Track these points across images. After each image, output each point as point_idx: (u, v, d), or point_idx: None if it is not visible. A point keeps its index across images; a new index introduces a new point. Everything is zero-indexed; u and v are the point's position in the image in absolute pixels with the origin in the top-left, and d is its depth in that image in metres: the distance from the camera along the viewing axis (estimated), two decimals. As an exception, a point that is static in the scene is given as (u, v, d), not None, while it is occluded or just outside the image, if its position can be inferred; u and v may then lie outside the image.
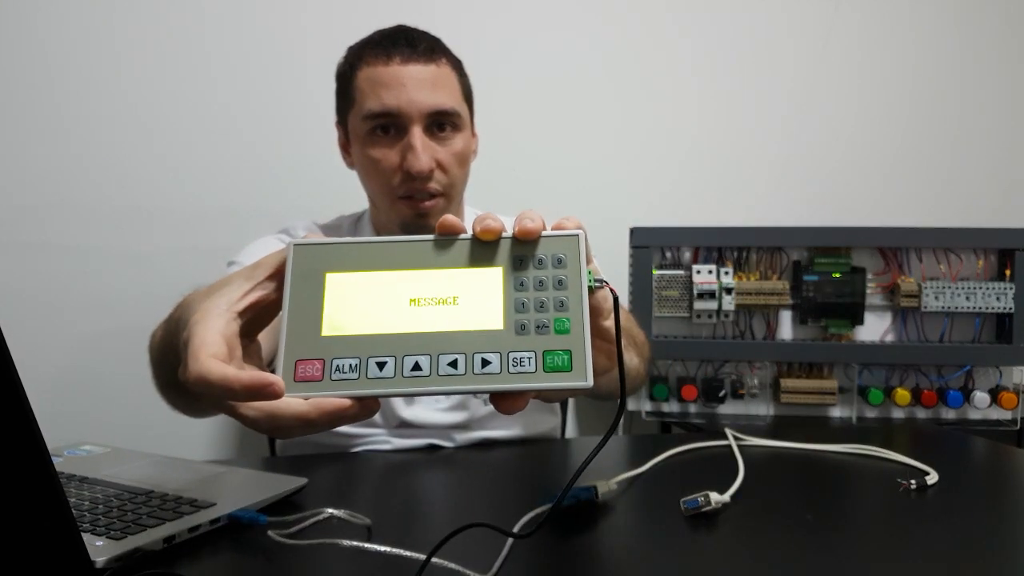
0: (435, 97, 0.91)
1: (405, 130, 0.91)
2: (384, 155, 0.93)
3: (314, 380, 0.46)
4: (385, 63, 0.89)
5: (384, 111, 0.90)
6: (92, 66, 1.56)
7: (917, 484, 0.79)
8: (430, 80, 0.91)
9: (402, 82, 0.89)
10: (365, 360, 0.46)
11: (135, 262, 1.58)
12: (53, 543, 0.54)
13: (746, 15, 1.76)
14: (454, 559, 0.58)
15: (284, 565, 0.61)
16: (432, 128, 0.93)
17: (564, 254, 0.48)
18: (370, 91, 0.90)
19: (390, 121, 0.91)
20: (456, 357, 0.46)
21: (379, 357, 0.46)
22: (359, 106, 0.92)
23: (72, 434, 0.95)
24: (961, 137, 1.79)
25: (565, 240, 0.48)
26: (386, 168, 0.93)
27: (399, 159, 0.92)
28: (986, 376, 1.49)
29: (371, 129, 0.92)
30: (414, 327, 0.47)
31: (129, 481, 0.76)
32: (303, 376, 0.46)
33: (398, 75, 0.89)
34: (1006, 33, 1.79)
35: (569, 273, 0.48)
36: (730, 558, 0.65)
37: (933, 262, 1.49)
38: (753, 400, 1.52)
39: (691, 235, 1.51)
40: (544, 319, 0.47)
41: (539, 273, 0.47)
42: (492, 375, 0.46)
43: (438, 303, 0.47)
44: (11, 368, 0.49)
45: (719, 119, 1.77)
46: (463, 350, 0.46)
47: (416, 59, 0.90)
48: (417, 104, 0.90)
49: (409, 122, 0.91)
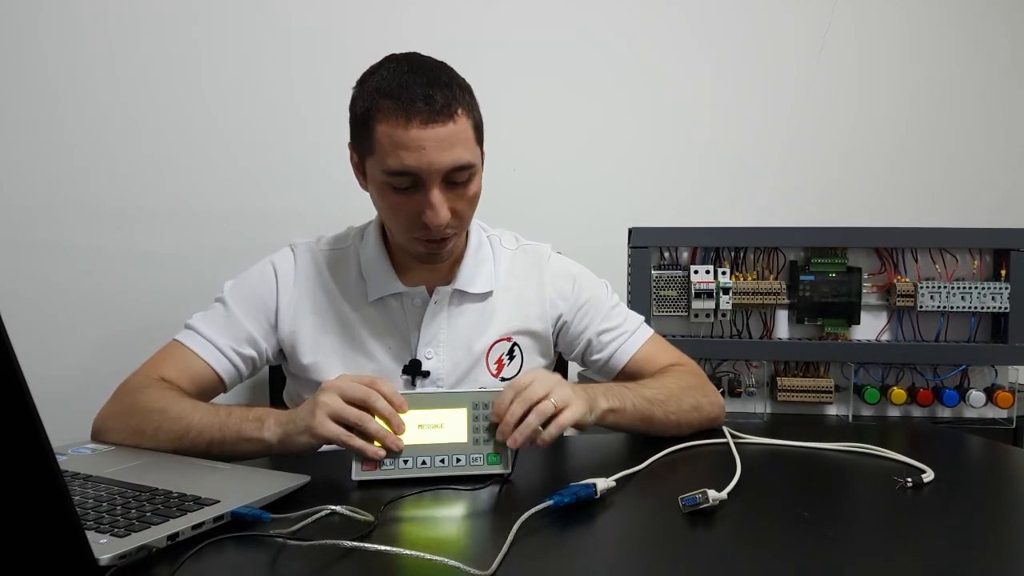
0: (453, 155, 0.93)
1: (423, 185, 0.94)
2: (401, 204, 0.96)
3: (371, 470, 0.83)
4: (405, 127, 0.91)
5: (404, 171, 0.93)
6: (92, 66, 1.56)
7: (914, 482, 0.80)
8: (448, 140, 0.93)
9: (421, 145, 0.91)
10: (397, 460, 0.83)
11: (139, 263, 1.59)
12: (57, 540, 0.54)
13: (745, 18, 1.77)
14: (455, 556, 0.58)
15: (287, 562, 0.62)
16: (448, 181, 0.96)
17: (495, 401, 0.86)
18: (390, 149, 0.92)
19: (409, 180, 0.94)
20: (444, 456, 0.84)
21: (404, 457, 0.83)
22: (379, 158, 0.94)
23: (76, 433, 0.96)
24: (957, 139, 1.80)
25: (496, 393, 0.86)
26: (404, 215, 0.97)
27: (417, 209, 0.95)
28: (982, 375, 1.50)
29: (389, 183, 0.95)
30: (421, 441, 0.84)
31: (133, 479, 0.76)
32: (366, 468, 0.83)
33: (418, 139, 0.91)
34: (1002, 36, 1.80)
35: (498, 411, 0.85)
36: (727, 555, 0.66)
37: (929, 262, 1.50)
38: (750, 399, 1.53)
39: (689, 235, 1.51)
40: (487, 436, 0.85)
41: (484, 411, 0.86)
42: (462, 466, 0.84)
43: (433, 427, 0.85)
44: (16, 367, 0.49)
45: (718, 121, 1.78)
46: (446, 453, 0.84)
47: (434, 120, 0.91)
48: (436, 165, 0.92)
49: (428, 180, 0.94)
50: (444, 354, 1.07)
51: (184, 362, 1.02)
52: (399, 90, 0.92)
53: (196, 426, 0.89)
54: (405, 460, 0.83)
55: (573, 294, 1.15)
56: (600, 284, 1.19)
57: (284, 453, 0.86)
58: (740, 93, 1.78)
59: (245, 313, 1.06)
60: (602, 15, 1.73)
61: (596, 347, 1.15)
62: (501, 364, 1.11)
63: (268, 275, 1.09)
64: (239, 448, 0.87)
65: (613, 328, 1.15)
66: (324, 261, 1.10)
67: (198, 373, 1.02)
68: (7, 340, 0.48)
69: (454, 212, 0.97)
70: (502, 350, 1.11)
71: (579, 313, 1.15)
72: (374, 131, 0.93)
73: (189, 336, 1.04)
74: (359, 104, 0.96)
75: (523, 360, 1.12)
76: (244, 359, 1.05)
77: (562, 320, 1.15)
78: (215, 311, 1.07)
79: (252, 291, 1.08)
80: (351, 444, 0.80)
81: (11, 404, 0.50)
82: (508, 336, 1.11)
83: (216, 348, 1.03)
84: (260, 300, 1.07)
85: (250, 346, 1.05)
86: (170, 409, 0.91)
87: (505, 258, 1.15)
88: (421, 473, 0.83)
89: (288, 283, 1.08)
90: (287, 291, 1.07)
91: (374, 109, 0.93)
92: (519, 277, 1.14)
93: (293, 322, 1.06)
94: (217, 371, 1.03)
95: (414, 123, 0.90)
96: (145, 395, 0.94)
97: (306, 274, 1.09)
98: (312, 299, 1.08)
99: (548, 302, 1.14)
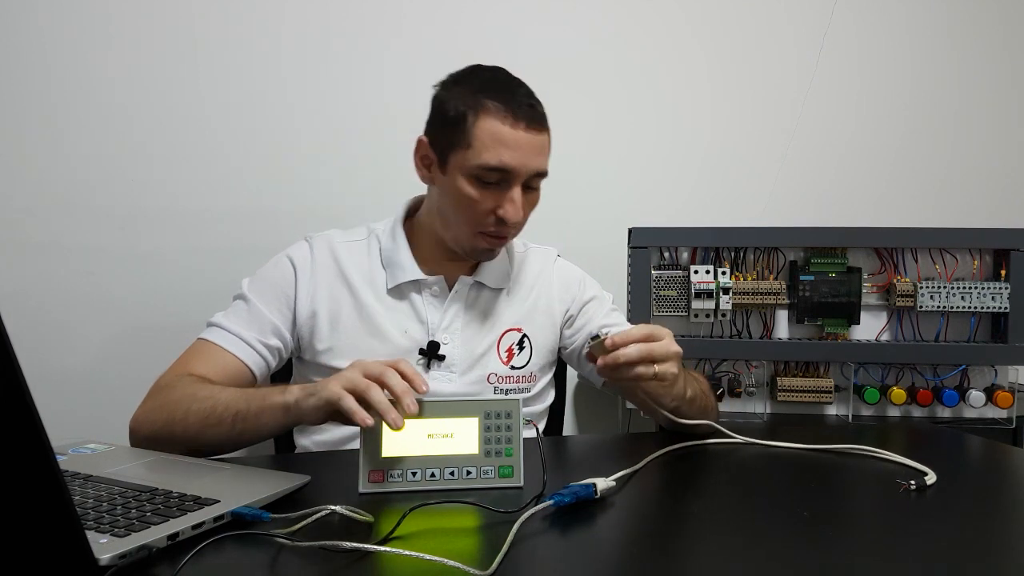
0: (540, 162, 1.04)
1: (508, 183, 1.02)
2: (483, 198, 1.03)
3: (379, 482, 0.79)
4: (512, 126, 1.00)
5: (501, 168, 1.00)
6: (93, 66, 1.56)
7: (916, 485, 0.80)
8: (540, 147, 1.04)
9: (521, 146, 1.00)
10: (405, 471, 0.79)
11: (140, 263, 1.59)
12: (57, 540, 0.54)
13: (745, 18, 1.77)
14: (455, 556, 0.58)
15: (287, 562, 0.62)
16: (526, 185, 1.04)
17: (510, 411, 0.82)
18: (491, 145, 1.00)
19: (498, 175, 1.01)
20: (453, 469, 0.80)
21: (412, 469, 0.80)
22: (475, 152, 1.01)
23: (77, 432, 0.96)
24: (957, 139, 1.80)
25: (510, 402, 0.83)
26: (481, 208, 1.03)
27: (494, 204, 1.03)
28: (982, 375, 1.50)
29: (479, 175, 1.01)
30: (430, 451, 0.80)
31: (133, 479, 0.76)
32: (373, 480, 0.79)
33: (520, 140, 1.00)
34: (1002, 36, 1.80)
35: (512, 422, 0.82)
36: (727, 554, 0.66)
37: (929, 262, 1.50)
38: (750, 399, 1.53)
39: (689, 235, 1.52)
40: (499, 448, 0.81)
41: (497, 421, 0.82)
42: (472, 479, 0.80)
43: (443, 437, 0.80)
44: (16, 367, 0.49)
45: (718, 121, 1.78)
46: (456, 465, 0.81)
47: (535, 127, 1.02)
48: (528, 168, 1.02)
49: (515, 179, 1.02)
50: (459, 340, 1.11)
51: (214, 358, 1.03)
52: (507, 94, 1.01)
53: (223, 401, 0.90)
54: (413, 472, 0.79)
55: (579, 292, 1.22)
56: (601, 289, 1.26)
57: (297, 421, 0.87)
58: (740, 93, 1.78)
59: (267, 305, 1.08)
60: (602, 15, 1.74)
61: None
62: (511, 353, 1.15)
63: (285, 266, 1.11)
64: (261, 419, 0.88)
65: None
66: (341, 251, 1.13)
67: (229, 368, 1.03)
68: (7, 340, 0.48)
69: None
70: (512, 340, 1.15)
71: (583, 309, 1.21)
72: (474, 126, 1.00)
73: (215, 333, 1.05)
74: (455, 102, 1.03)
75: (532, 351, 1.16)
76: (271, 350, 1.08)
77: (568, 314, 1.21)
78: (237, 307, 1.08)
79: (271, 283, 1.10)
80: (342, 404, 0.78)
81: (11, 404, 0.50)
82: (518, 327, 1.16)
83: (244, 342, 1.05)
84: (280, 290, 1.09)
85: (276, 337, 1.08)
86: (198, 393, 0.93)
87: (517, 258, 1.21)
88: (429, 486, 0.79)
89: (305, 271, 1.10)
90: (304, 279, 1.10)
91: (479, 107, 1.01)
92: (530, 274, 1.20)
93: (311, 308, 1.09)
94: (247, 364, 1.04)
95: (520, 126, 1.00)
96: (175, 389, 0.96)
97: (322, 262, 1.11)
98: (328, 286, 1.10)
99: (556, 298, 1.20)
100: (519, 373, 1.14)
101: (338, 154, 1.64)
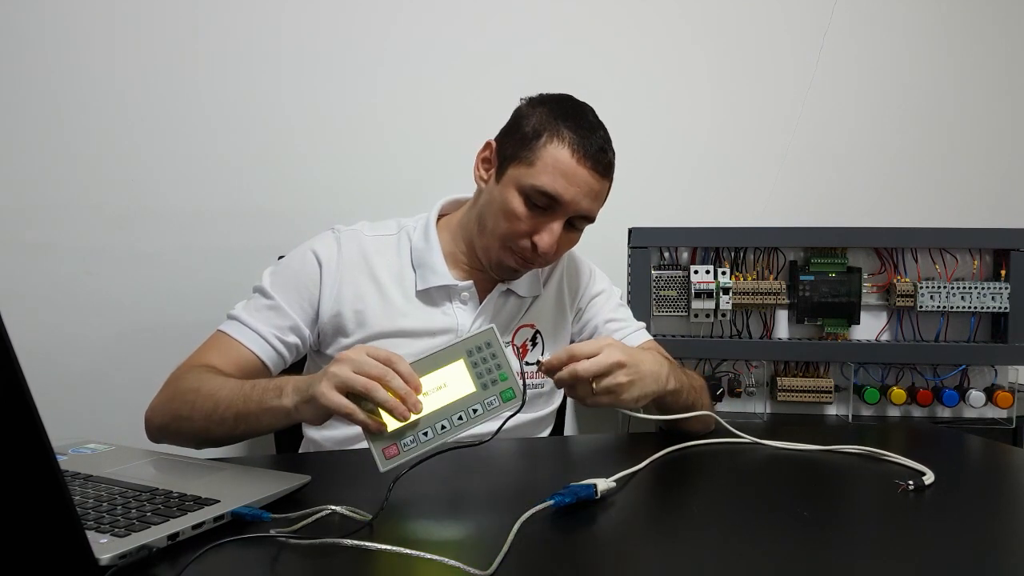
0: (591, 205, 1.04)
1: (554, 213, 1.02)
2: (525, 218, 1.03)
3: (395, 455, 0.78)
4: (578, 161, 1.01)
5: (552, 194, 1.00)
6: (93, 66, 1.56)
7: (916, 485, 0.80)
8: (596, 192, 1.04)
9: (579, 183, 1.01)
10: (417, 435, 0.79)
11: (140, 263, 1.59)
12: (58, 540, 0.54)
13: (745, 18, 1.77)
14: (455, 556, 0.58)
15: (287, 561, 0.62)
16: (569, 222, 1.05)
17: (488, 340, 0.83)
18: (552, 171, 1.01)
19: (546, 201, 1.01)
20: (460, 413, 0.80)
21: (422, 429, 0.79)
22: (534, 172, 1.01)
23: (77, 432, 0.96)
24: (956, 138, 1.80)
25: (485, 332, 0.83)
26: (519, 228, 1.03)
27: (533, 228, 1.03)
28: (981, 375, 1.50)
29: (530, 195, 1.02)
30: (432, 408, 0.80)
31: (133, 479, 0.76)
32: (389, 456, 0.78)
33: (580, 177, 1.01)
34: (1002, 36, 1.80)
35: (495, 349, 0.83)
36: (727, 555, 0.66)
37: (929, 262, 1.50)
38: (750, 399, 1.53)
39: (689, 235, 1.52)
40: (493, 376, 0.82)
41: (481, 355, 0.82)
42: (480, 415, 0.80)
43: (438, 390, 0.81)
44: (16, 367, 0.49)
45: (717, 121, 1.78)
46: (461, 408, 0.80)
47: (598, 171, 1.03)
48: (577, 206, 1.02)
49: (562, 212, 1.02)
50: None
51: (229, 351, 1.03)
52: (585, 130, 1.03)
53: (224, 400, 0.89)
54: (424, 432, 0.78)
55: (589, 286, 1.23)
56: (611, 283, 1.27)
57: (301, 421, 0.87)
58: (740, 93, 1.78)
59: (287, 301, 1.07)
60: (602, 15, 1.74)
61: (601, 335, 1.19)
62: (526, 348, 1.15)
63: (310, 261, 1.09)
64: (262, 420, 0.87)
65: (618, 319, 1.21)
66: (369, 246, 1.12)
67: (243, 362, 1.03)
68: (7, 340, 0.48)
69: (557, 248, 1.05)
70: (526, 335, 1.16)
71: (592, 302, 1.22)
72: (543, 147, 1.01)
73: (233, 326, 1.05)
74: (535, 120, 1.04)
75: (544, 347, 1.17)
76: (288, 346, 1.07)
77: (576, 307, 1.22)
78: (257, 300, 1.08)
79: (293, 278, 1.09)
80: (355, 417, 0.77)
81: (11, 404, 0.50)
82: (532, 323, 1.16)
83: (260, 336, 1.04)
84: (303, 287, 1.08)
85: (294, 333, 1.07)
86: (203, 388, 0.92)
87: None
88: (444, 438, 0.79)
89: (331, 268, 1.09)
90: (330, 276, 1.08)
91: (555, 133, 1.02)
92: (543, 272, 1.20)
93: (335, 308, 1.08)
94: (263, 359, 1.04)
95: (586, 163, 1.01)
96: (185, 380, 0.95)
97: (350, 258, 1.10)
98: (355, 283, 1.09)
99: (568, 293, 1.20)
100: (533, 369, 1.13)
101: (338, 154, 1.64)
